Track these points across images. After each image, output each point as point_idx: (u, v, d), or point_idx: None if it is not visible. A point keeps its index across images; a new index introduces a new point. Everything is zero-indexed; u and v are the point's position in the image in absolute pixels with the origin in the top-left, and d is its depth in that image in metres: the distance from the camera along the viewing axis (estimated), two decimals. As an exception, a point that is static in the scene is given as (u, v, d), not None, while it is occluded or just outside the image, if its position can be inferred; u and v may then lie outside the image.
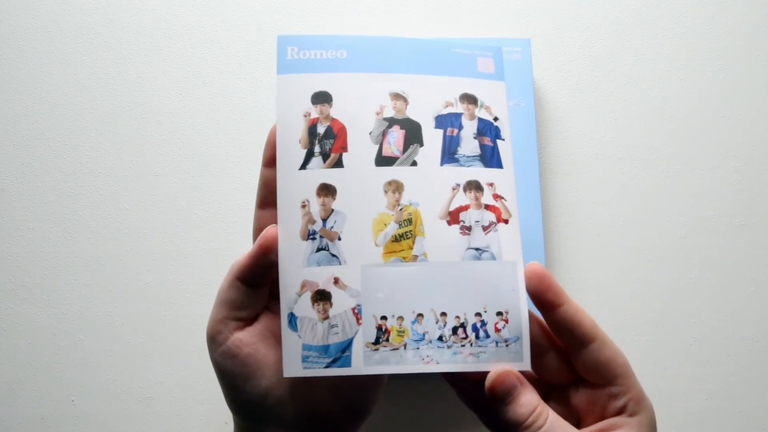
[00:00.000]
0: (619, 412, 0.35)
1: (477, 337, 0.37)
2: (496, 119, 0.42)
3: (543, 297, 0.36)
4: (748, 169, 0.54)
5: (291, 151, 0.39)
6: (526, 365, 0.36)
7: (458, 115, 0.41)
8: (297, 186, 0.39)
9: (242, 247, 0.51)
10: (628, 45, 0.57)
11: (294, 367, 0.37)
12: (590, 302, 0.41)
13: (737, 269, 0.52)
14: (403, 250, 0.39)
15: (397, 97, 0.41)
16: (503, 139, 0.42)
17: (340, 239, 0.38)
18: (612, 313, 0.50)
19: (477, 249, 0.39)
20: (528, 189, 0.47)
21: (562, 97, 0.55)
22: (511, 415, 0.34)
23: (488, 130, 0.42)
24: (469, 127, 0.41)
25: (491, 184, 0.40)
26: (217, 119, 0.54)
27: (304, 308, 0.37)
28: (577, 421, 0.36)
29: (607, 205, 0.53)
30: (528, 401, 0.34)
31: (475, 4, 0.57)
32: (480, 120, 0.42)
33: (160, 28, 0.56)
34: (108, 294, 0.51)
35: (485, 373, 0.35)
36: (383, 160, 0.40)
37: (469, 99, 0.42)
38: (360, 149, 0.39)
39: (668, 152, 0.54)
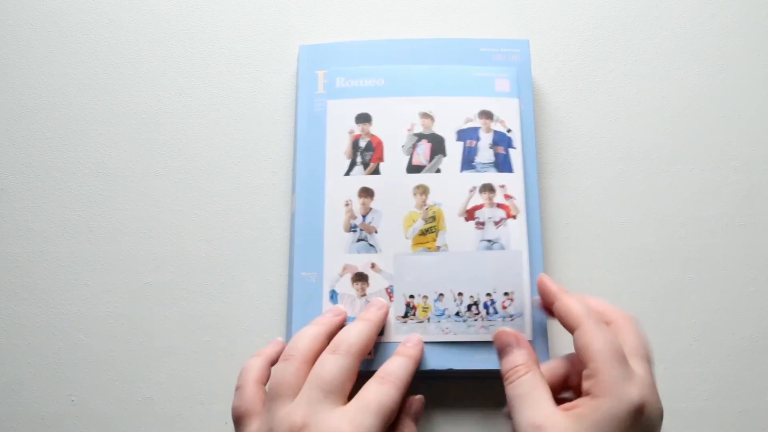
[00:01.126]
0: (586, 393, 0.37)
1: (487, 313, 0.44)
2: (509, 131, 0.49)
3: (545, 299, 0.42)
4: (748, 169, 0.54)
5: (338, 161, 0.47)
6: (527, 337, 0.43)
7: (476, 129, 0.48)
8: (342, 188, 0.47)
9: (242, 247, 0.51)
10: (628, 45, 0.57)
11: None
12: (590, 302, 0.42)
13: (737, 269, 0.52)
14: (428, 242, 0.46)
15: (425, 116, 0.49)
16: (515, 148, 0.48)
17: (377, 232, 0.46)
18: (612, 313, 0.50)
19: (489, 240, 0.46)
20: (527, 189, 0.48)
21: (562, 97, 0.55)
22: (501, 366, 0.40)
23: (502, 141, 0.48)
24: (486, 139, 0.48)
25: (503, 186, 0.47)
26: (217, 119, 0.54)
27: (345, 286, 0.45)
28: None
29: (607, 205, 0.53)
30: (512, 360, 0.39)
31: (475, 4, 0.57)
32: (495, 132, 0.48)
33: (160, 28, 0.56)
34: (108, 294, 0.51)
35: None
36: (413, 168, 0.47)
37: (486, 114, 0.49)
38: (394, 159, 0.47)
39: (668, 152, 0.54)
